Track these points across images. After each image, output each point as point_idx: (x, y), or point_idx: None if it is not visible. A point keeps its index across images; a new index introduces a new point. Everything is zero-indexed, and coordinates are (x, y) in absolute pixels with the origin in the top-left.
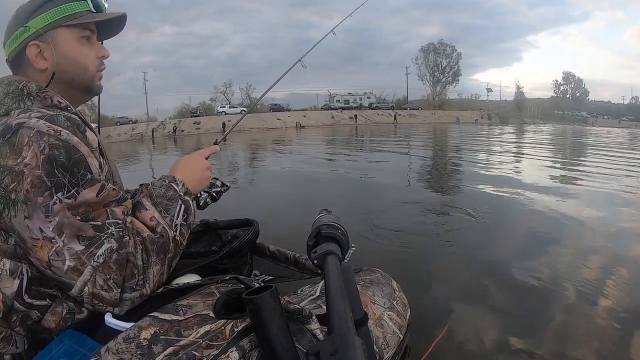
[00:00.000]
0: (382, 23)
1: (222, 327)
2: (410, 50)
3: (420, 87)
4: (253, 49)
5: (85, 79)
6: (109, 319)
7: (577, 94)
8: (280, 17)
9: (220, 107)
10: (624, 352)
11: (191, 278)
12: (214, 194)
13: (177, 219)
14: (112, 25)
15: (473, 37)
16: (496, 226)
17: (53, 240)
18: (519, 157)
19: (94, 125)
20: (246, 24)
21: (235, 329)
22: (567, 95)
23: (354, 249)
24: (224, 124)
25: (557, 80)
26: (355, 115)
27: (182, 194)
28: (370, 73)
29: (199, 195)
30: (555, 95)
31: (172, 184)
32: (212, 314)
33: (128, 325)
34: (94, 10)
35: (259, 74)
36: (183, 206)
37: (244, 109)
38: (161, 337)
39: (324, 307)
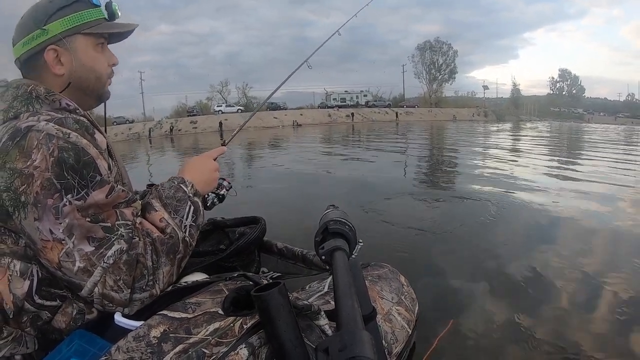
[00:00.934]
0: (379, 20)
1: (231, 324)
2: (407, 48)
3: (416, 84)
4: (251, 47)
5: (99, 86)
6: (118, 318)
7: (574, 91)
8: (277, 15)
9: (217, 106)
10: None
11: (199, 276)
12: (221, 194)
13: (186, 220)
14: (122, 33)
15: (469, 34)
16: (501, 222)
17: (63, 242)
18: (521, 154)
19: None
20: (244, 22)
21: (244, 326)
22: (564, 93)
23: (362, 244)
24: (220, 123)
25: (553, 78)
26: (352, 114)
27: (191, 195)
28: (366, 71)
29: (206, 196)
30: (551, 92)
31: (182, 185)
32: (221, 312)
33: (138, 324)
34: (108, 19)
35: (256, 71)
36: (192, 207)
37: (241, 107)
38: (171, 335)
39: (333, 302)
